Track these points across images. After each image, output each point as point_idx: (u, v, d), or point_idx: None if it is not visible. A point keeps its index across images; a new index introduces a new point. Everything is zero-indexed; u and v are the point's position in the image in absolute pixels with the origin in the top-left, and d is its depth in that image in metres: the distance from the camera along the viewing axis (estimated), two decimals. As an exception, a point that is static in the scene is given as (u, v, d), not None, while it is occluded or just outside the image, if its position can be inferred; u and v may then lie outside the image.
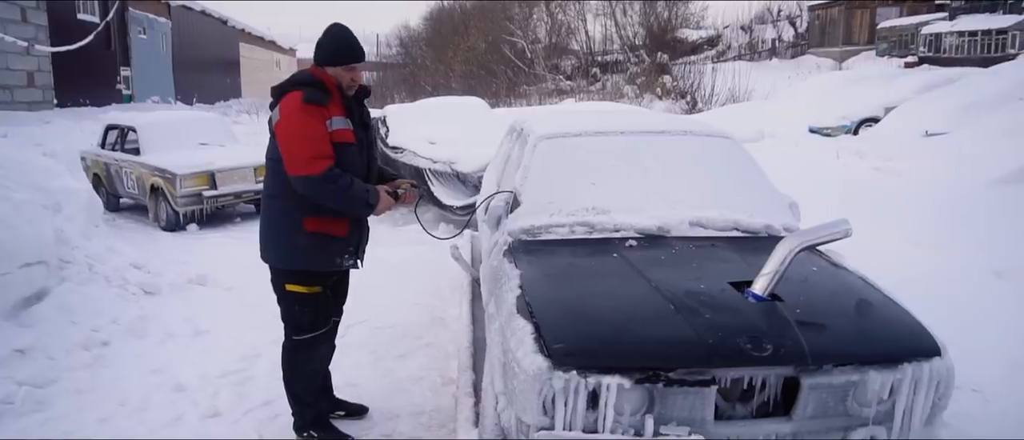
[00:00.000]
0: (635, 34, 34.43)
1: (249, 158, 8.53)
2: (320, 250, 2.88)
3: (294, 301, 2.94)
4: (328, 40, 2.85)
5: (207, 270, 5.86)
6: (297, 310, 2.96)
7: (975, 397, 3.36)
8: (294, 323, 3.00)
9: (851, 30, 30.00)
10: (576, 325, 2.31)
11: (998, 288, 4.88)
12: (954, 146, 9.19)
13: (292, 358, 3.05)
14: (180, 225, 8.01)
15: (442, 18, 39.06)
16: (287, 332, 3.04)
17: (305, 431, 3.12)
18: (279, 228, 2.87)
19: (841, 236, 2.48)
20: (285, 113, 2.75)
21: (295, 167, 2.69)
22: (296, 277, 2.91)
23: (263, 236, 2.96)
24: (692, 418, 2.16)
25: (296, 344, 3.02)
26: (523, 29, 36.19)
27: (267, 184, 2.93)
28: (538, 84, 31.32)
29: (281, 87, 2.87)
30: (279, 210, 2.86)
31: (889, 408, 2.23)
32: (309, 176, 2.68)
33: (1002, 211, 6.61)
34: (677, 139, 3.62)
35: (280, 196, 2.84)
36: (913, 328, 2.33)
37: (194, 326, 4.59)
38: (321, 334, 3.04)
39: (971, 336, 3.77)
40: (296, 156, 2.69)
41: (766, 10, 35.67)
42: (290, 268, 2.91)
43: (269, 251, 2.95)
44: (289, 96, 2.78)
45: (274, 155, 2.82)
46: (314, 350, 3.06)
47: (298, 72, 2.92)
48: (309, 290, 2.92)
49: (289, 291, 2.92)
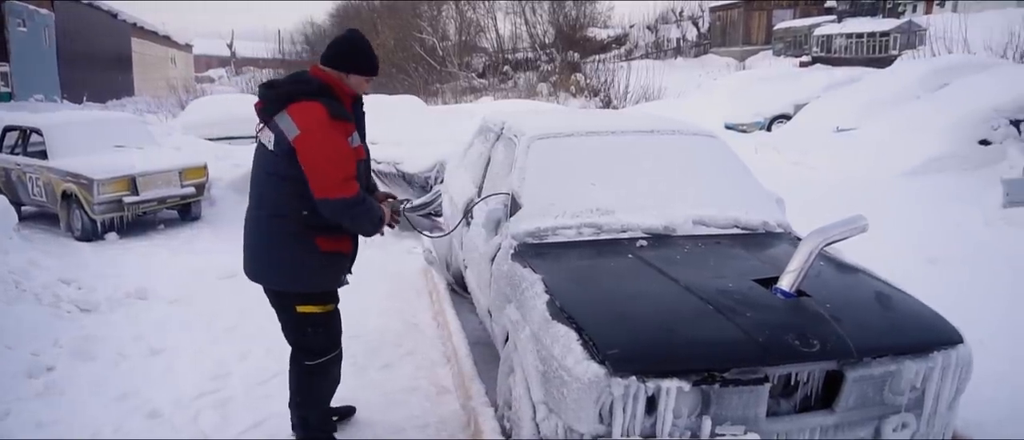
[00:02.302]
0: (545, 32, 34.90)
1: (173, 161, 8.00)
2: (334, 269, 2.74)
3: (308, 323, 2.74)
4: (353, 47, 2.66)
5: (144, 283, 5.44)
6: (311, 332, 2.76)
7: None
8: (308, 347, 2.79)
9: (750, 31, 31.64)
10: (624, 329, 2.28)
11: (933, 274, 5.24)
12: (863, 141, 9.85)
13: (307, 384, 2.85)
14: (97, 234, 7.39)
15: (350, 15, 38.18)
16: (298, 357, 2.82)
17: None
18: (287, 249, 2.63)
19: (859, 231, 2.58)
20: (310, 127, 2.48)
21: (327, 189, 2.48)
22: (309, 298, 2.72)
23: (261, 257, 2.69)
24: (746, 416, 2.18)
25: (310, 369, 2.80)
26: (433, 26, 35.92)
27: (266, 202, 2.64)
28: (451, 82, 31.15)
29: (284, 94, 2.57)
30: (287, 231, 2.61)
31: (919, 396, 2.34)
32: (343, 198, 2.50)
33: (917, 201, 7.12)
34: (667, 139, 3.67)
35: (288, 216, 2.59)
36: (935, 318, 2.46)
37: (147, 345, 4.24)
38: (335, 355, 2.87)
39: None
40: (330, 177, 2.48)
41: (670, 11, 36.98)
42: (303, 290, 2.70)
43: (273, 274, 2.69)
44: (307, 107, 2.51)
45: (280, 171, 2.55)
46: (328, 373, 2.88)
47: (301, 75, 2.65)
48: (324, 309, 2.76)
49: (301, 313, 2.71)
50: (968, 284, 4.73)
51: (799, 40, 29.16)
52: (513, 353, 2.66)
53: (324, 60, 2.65)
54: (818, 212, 6.73)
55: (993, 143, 8.76)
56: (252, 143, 9.93)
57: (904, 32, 23.92)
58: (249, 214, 2.74)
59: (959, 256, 5.36)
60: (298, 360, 2.82)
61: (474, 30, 35.97)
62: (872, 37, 24.93)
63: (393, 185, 7.30)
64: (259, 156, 2.67)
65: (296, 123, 2.50)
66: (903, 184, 8.12)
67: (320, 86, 2.58)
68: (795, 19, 30.74)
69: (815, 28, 28.10)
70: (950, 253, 5.50)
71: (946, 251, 5.57)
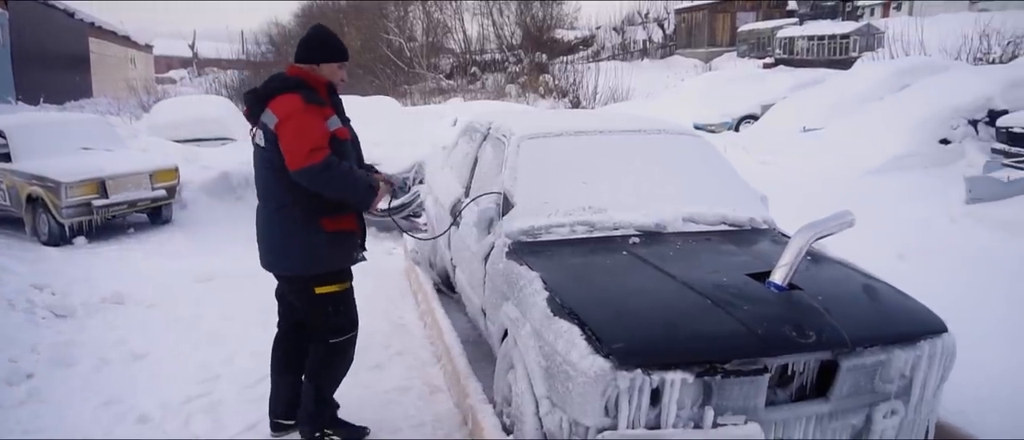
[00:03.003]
0: (512, 34, 34.99)
1: (143, 163, 7.85)
2: (341, 247, 2.88)
3: (328, 303, 2.90)
4: (319, 39, 2.86)
5: (120, 287, 5.35)
6: (332, 311, 2.92)
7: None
8: (331, 326, 2.95)
9: (715, 32, 32.17)
10: (627, 324, 2.33)
11: (903, 269, 5.41)
12: (830, 141, 10.10)
13: (329, 362, 2.99)
14: (65, 239, 7.22)
15: (315, 15, 37.76)
16: (321, 337, 2.96)
17: (319, 433, 3.04)
18: (296, 236, 2.78)
19: (847, 226, 2.67)
20: (286, 114, 2.68)
21: (296, 161, 2.64)
22: (325, 279, 2.86)
23: (275, 248, 2.84)
24: (746, 406, 2.24)
25: (333, 348, 2.97)
26: (400, 27, 35.74)
27: (270, 195, 2.83)
28: (419, 83, 31.04)
29: (265, 92, 2.78)
30: (292, 219, 2.77)
31: (907, 383, 2.43)
32: (310, 166, 2.63)
33: (884, 198, 7.34)
34: (653, 138, 3.73)
35: (291, 204, 2.76)
36: (921, 309, 2.56)
37: (129, 350, 4.17)
38: (354, 335, 3.05)
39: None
40: (296, 151, 2.64)
41: (636, 12, 37.40)
42: (317, 272, 2.84)
43: (288, 261, 2.85)
44: (284, 99, 2.71)
45: (275, 163, 2.72)
46: (347, 351, 3.05)
47: (278, 76, 2.84)
48: (341, 287, 2.93)
49: (320, 294, 2.87)
50: (936, 278, 4.90)
51: (763, 42, 29.75)
52: (513, 350, 2.69)
53: (296, 59, 2.85)
54: (790, 211, 6.90)
55: (953, 142, 9.07)
56: (221, 145, 9.88)
57: (863, 35, 24.57)
58: (258, 211, 2.91)
59: (927, 251, 5.54)
60: (322, 339, 2.96)
61: (441, 31, 35.88)
62: (833, 39, 25.56)
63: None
64: (256, 156, 2.86)
65: (275, 113, 2.69)
66: (869, 182, 8.36)
67: (295, 81, 2.77)
68: (758, 21, 31.37)
69: (778, 30, 28.70)
70: (918, 248, 5.67)
71: (914, 246, 5.75)
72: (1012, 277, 4.57)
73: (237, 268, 6.01)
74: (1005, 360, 3.40)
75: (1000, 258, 4.93)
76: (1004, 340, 3.63)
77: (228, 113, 12.58)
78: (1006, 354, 3.46)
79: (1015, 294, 4.31)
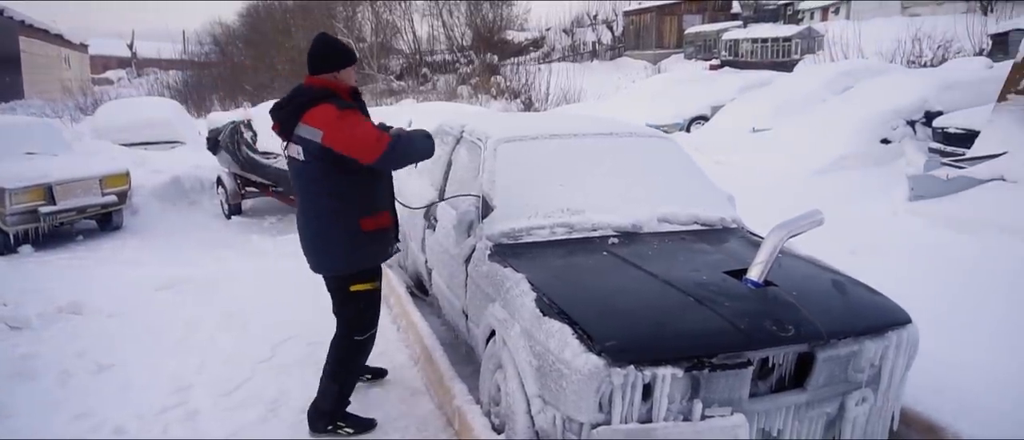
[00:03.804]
0: (462, 34, 34.95)
1: (92, 168, 7.58)
2: (379, 244, 3.07)
3: (361, 300, 3.08)
4: (332, 48, 2.98)
5: (76, 296, 5.17)
6: (364, 308, 3.11)
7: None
8: (360, 323, 3.13)
9: (662, 34, 32.82)
10: (617, 322, 2.41)
11: (855, 263, 5.66)
12: (779, 141, 10.45)
13: (352, 357, 3.17)
14: (10, 247, 6.94)
15: (260, 15, 36.98)
16: (346, 333, 3.13)
17: (332, 425, 3.15)
18: (336, 238, 2.95)
19: (817, 224, 2.81)
20: (328, 123, 2.77)
21: (370, 155, 2.76)
22: (361, 277, 3.05)
23: (319, 250, 3.02)
24: (731, 398, 2.35)
25: (358, 344, 3.14)
26: (348, 27, 35.29)
27: (310, 205, 2.98)
28: (370, 84, 30.73)
29: (294, 109, 2.86)
30: (332, 223, 2.93)
31: (876, 372, 2.58)
32: (385, 152, 2.76)
33: (833, 196, 7.64)
34: (625, 140, 3.83)
35: (330, 210, 2.92)
36: (886, 302, 2.71)
37: (94, 361, 4.04)
38: (375, 331, 3.23)
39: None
40: (364, 148, 2.76)
41: (585, 14, 37.82)
42: (359, 269, 3.02)
43: (330, 261, 3.02)
44: (319, 111, 2.81)
45: (314, 174, 2.88)
46: (366, 347, 3.23)
47: (303, 89, 2.92)
48: (373, 286, 3.11)
49: (355, 292, 3.05)
50: (888, 273, 5.15)
51: (709, 44, 30.49)
52: (502, 350, 2.74)
53: (313, 71, 2.94)
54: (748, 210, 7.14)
55: (893, 142, 9.52)
56: (170, 148, 9.74)
57: (804, 38, 25.45)
58: (300, 219, 3.08)
59: (875, 247, 5.80)
60: (347, 336, 3.13)
61: (390, 32, 35.59)
62: (776, 42, 26.39)
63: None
64: (292, 168, 3.00)
65: (315, 126, 2.78)
66: (817, 181, 8.69)
67: (322, 91, 2.87)
68: (704, 24, 32.13)
69: (723, 33, 29.47)
70: (867, 244, 5.94)
71: (864, 242, 6.01)
72: (957, 270, 4.84)
73: (197, 275, 5.89)
74: (960, 350, 3.60)
75: (946, 252, 5.21)
76: (957, 329, 3.85)
77: (176, 115, 12.25)
78: (961, 343, 3.66)
79: (962, 287, 4.57)
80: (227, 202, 8.59)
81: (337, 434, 3.16)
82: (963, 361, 3.54)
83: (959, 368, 3.48)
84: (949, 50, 18.82)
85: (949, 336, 3.85)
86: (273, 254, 6.73)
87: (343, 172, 2.82)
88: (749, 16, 30.32)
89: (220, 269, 6.10)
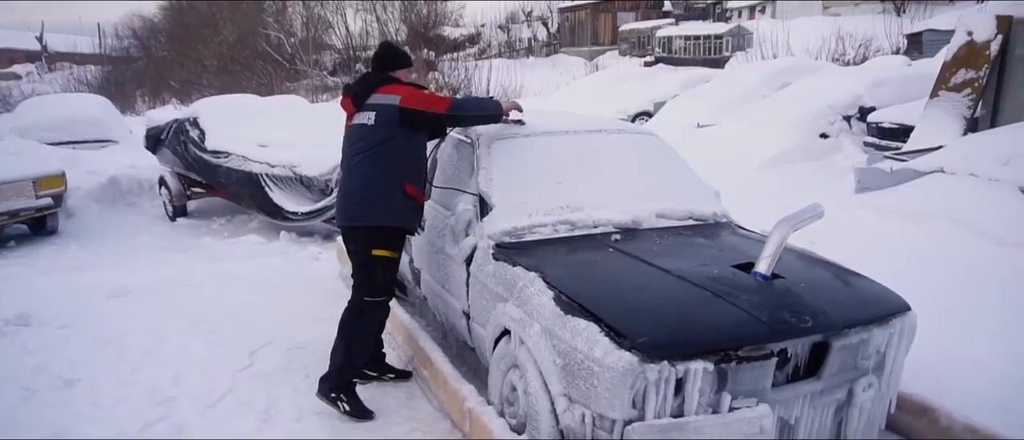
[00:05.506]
0: (397, 30, 34.51)
1: (24, 169, 7.09)
2: (413, 213, 3.39)
3: (378, 264, 3.29)
4: (392, 53, 3.55)
5: (20, 307, 4.83)
6: (379, 272, 3.31)
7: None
8: (373, 285, 3.31)
9: (598, 31, 33.30)
10: (644, 318, 2.42)
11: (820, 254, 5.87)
12: (723, 137, 10.75)
13: (360, 318, 3.33)
14: (-66, 256, 6.44)
15: (185, 8, 35.47)
16: (358, 295, 3.33)
17: (334, 393, 3.26)
18: (381, 191, 3.24)
19: (818, 217, 2.90)
20: (403, 90, 3.32)
21: (443, 105, 3.30)
22: (385, 241, 3.27)
23: (361, 199, 3.26)
24: (755, 390, 2.40)
25: (368, 305, 3.32)
26: (279, 22, 34.34)
27: (367, 164, 3.26)
28: (303, 80, 29.95)
29: (370, 85, 3.36)
30: (382, 179, 3.24)
31: (881, 358, 2.68)
32: (453, 101, 3.35)
33: (781, 189, 7.92)
34: (615, 137, 3.85)
35: (384, 170, 3.25)
36: (886, 291, 2.83)
37: (56, 376, 3.79)
38: (386, 300, 3.39)
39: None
40: (437, 102, 3.31)
41: (520, 10, 37.94)
42: (388, 225, 3.28)
43: (371, 213, 3.25)
44: (392, 85, 3.36)
45: (378, 138, 3.26)
46: (379, 312, 3.40)
47: (375, 75, 3.44)
48: (392, 254, 3.32)
49: (375, 255, 3.27)
50: (851, 263, 5.38)
51: (643, 41, 31.13)
52: (518, 350, 2.71)
53: (378, 70, 3.45)
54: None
55: (830, 136, 9.95)
56: (101, 147, 9.29)
57: (735, 35, 26.30)
58: (349, 178, 3.34)
59: (830, 238, 6.03)
60: (357, 299, 3.34)
61: (322, 26, 34.79)
62: (708, 39, 27.19)
63: (290, 190, 6.97)
64: (354, 134, 3.35)
65: (393, 93, 3.29)
66: (763, 174, 8.99)
67: (389, 76, 3.42)
68: (638, 21, 32.77)
69: (657, 30, 30.14)
70: (823, 236, 6.16)
71: (819, 234, 6.24)
72: (913, 259, 5.10)
73: (150, 281, 5.60)
74: (934, 334, 3.78)
75: (899, 243, 5.47)
76: (926, 318, 4.04)
77: (106, 113, 11.58)
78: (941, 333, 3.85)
79: (918, 275, 4.81)
80: (172, 203, 8.21)
81: (336, 405, 3.26)
82: (944, 349, 3.72)
83: (943, 356, 3.66)
84: (869, 49, 19.82)
85: (924, 325, 4.06)
86: (228, 257, 6.47)
87: (405, 138, 3.26)
88: (680, 14, 31.10)
89: (175, 274, 5.81)
